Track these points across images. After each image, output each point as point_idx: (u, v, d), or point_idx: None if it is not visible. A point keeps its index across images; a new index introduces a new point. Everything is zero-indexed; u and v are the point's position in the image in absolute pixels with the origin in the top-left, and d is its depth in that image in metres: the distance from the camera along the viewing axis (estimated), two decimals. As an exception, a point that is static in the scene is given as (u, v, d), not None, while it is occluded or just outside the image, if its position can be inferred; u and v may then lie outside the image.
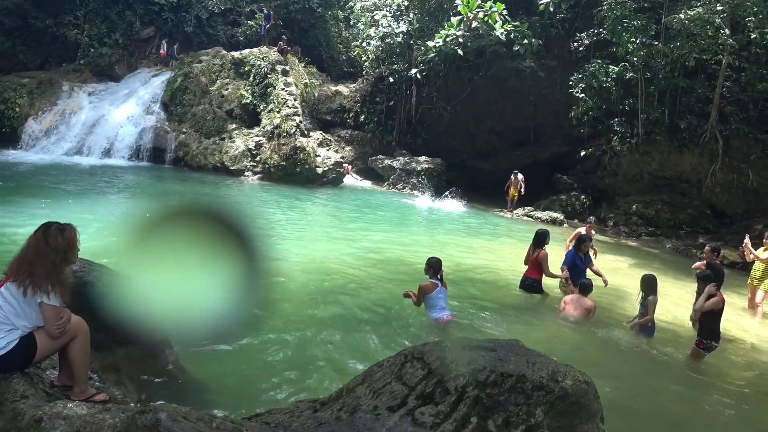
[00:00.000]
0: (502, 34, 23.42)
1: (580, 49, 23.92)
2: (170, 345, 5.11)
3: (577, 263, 9.68)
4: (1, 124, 23.51)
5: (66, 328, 3.73)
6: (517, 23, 23.75)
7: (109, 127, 24.42)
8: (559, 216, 22.35)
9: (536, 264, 9.54)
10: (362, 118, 30.97)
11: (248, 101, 25.22)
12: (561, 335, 7.88)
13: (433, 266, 7.40)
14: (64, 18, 28.69)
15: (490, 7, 23.53)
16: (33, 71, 27.18)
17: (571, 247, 10.29)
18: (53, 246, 3.69)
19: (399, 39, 28.41)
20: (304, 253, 10.83)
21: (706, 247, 10.23)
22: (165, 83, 27.21)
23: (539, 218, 22.18)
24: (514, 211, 23.09)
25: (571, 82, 23.50)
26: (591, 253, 10.25)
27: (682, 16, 19.81)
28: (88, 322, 3.88)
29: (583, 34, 23.74)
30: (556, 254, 10.49)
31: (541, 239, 9.58)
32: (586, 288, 8.58)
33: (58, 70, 28.07)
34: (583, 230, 11.61)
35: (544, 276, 9.59)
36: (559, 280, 9.72)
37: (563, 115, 24.55)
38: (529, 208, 23.27)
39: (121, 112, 25.22)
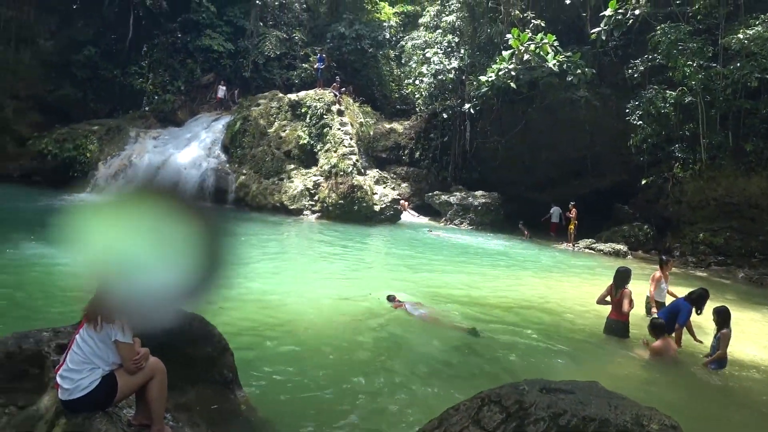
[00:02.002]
0: (554, 65, 23.30)
1: (635, 75, 23.49)
2: (239, 385, 5.15)
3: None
4: (72, 169, 24.63)
5: (142, 365, 3.81)
6: (569, 53, 23.61)
7: (173, 169, 25.23)
8: (623, 248, 21.76)
9: (620, 305, 9.02)
10: (417, 154, 31.18)
11: (305, 142, 25.72)
12: (636, 375, 7.56)
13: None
14: (131, 68, 30.25)
15: (541, 39, 23.49)
16: (102, 119, 28.52)
17: (681, 298, 9.16)
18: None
19: (451, 75, 28.62)
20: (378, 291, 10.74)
21: None
22: (225, 127, 28.07)
23: (602, 251, 21.67)
24: (576, 244, 22.61)
25: (627, 110, 23.08)
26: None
27: (740, 36, 19.30)
28: (163, 360, 3.97)
29: (638, 61, 23.34)
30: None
31: (623, 278, 9.08)
32: (659, 328, 8.10)
33: (125, 117, 29.39)
34: (658, 273, 10.45)
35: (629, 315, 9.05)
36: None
37: (621, 144, 24.07)
38: (590, 240, 22.78)
39: (184, 156, 26.08)
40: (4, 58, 26.93)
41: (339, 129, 25.41)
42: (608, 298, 9.28)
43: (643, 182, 23.53)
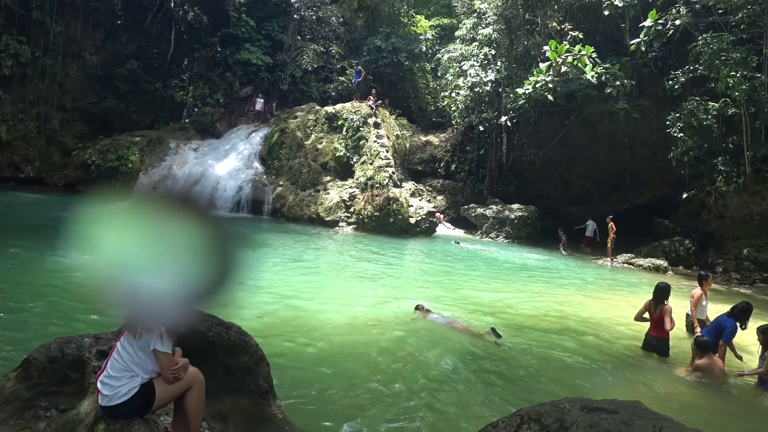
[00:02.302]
0: (592, 77, 22.97)
1: (676, 87, 22.97)
2: (275, 395, 5.15)
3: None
4: (115, 179, 25.22)
5: (181, 375, 3.84)
6: (607, 65, 23.27)
7: (211, 180, 25.65)
8: (663, 263, 21.25)
9: (660, 321, 8.82)
10: (453, 167, 31.11)
11: (342, 154, 25.88)
12: (680, 395, 7.33)
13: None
14: (172, 81, 31.00)
15: (579, 51, 23.19)
16: (144, 130, 29.26)
17: (723, 314, 8.73)
18: None
19: (487, 87, 28.51)
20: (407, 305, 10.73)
21: None
22: (263, 138, 28.46)
23: (641, 266, 21.22)
24: (614, 259, 22.21)
25: (668, 122, 22.58)
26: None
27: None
28: (199, 369, 4.00)
29: (678, 72, 22.84)
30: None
31: (662, 294, 8.87)
32: (704, 346, 7.84)
33: (166, 128, 30.06)
34: (698, 290, 10.02)
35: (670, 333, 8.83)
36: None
37: (661, 157, 23.58)
38: (629, 255, 22.32)
39: (222, 167, 26.51)
40: (52, 72, 27.86)
41: (375, 141, 25.51)
42: (646, 315, 9.07)
43: (684, 196, 22.96)
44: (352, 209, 23.91)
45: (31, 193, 23.88)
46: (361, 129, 25.98)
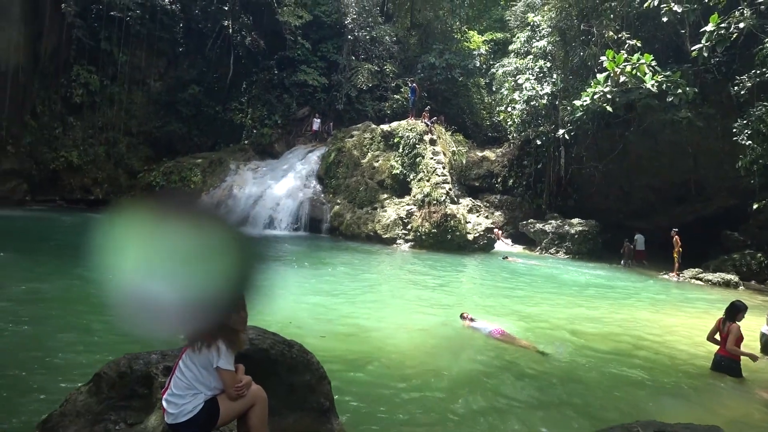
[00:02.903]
0: (652, 85, 22.29)
1: (742, 92, 22.00)
2: (336, 413, 5.14)
3: None
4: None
5: (244, 392, 3.87)
6: (668, 73, 22.56)
7: (270, 200, 26.12)
8: (733, 278, 20.36)
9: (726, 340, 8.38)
10: (510, 182, 30.77)
11: (398, 171, 25.95)
12: (759, 419, 6.92)
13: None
14: (231, 104, 31.93)
15: (638, 60, 22.58)
16: (205, 152, 30.20)
17: None
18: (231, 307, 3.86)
19: (544, 101, 28.12)
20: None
21: None
22: (320, 158, 28.85)
23: (710, 281, 20.38)
24: (681, 274, 21.42)
25: (734, 129, 21.61)
26: None
27: None
28: (262, 387, 4.03)
29: (744, 77, 21.91)
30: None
31: (733, 312, 8.44)
32: None
33: (226, 150, 30.93)
34: None
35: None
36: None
37: (728, 166, 22.61)
38: (697, 270, 21.46)
39: (281, 186, 26.97)
40: (119, 99, 29.16)
41: (431, 158, 25.47)
42: (717, 336, 8.65)
43: (755, 207, 21.90)
44: (409, 226, 23.87)
45: (99, 214, 24.84)
46: (417, 146, 26.01)
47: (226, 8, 31.18)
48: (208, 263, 3.20)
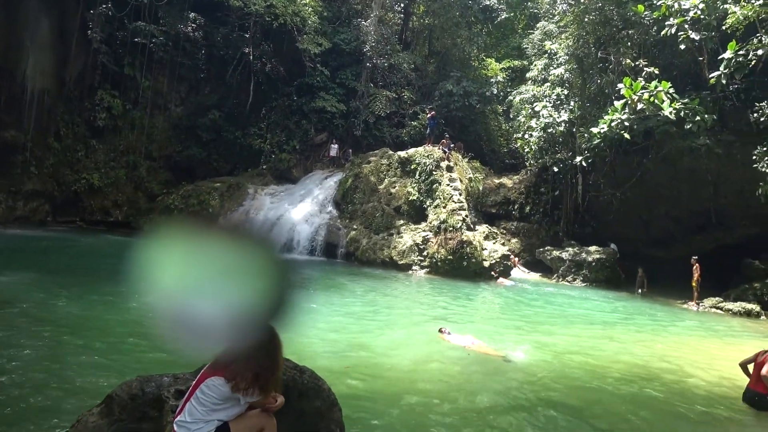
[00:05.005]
0: (671, 113, 22.17)
1: (762, 119, 21.82)
2: (347, 437, 5.11)
3: None
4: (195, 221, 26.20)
5: (274, 408, 4.02)
6: (686, 100, 22.46)
7: (287, 224, 26.24)
8: (755, 307, 20.02)
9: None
10: (527, 209, 30.65)
11: (415, 198, 25.98)
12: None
13: None
14: (250, 129, 32.32)
15: (656, 87, 22.53)
16: (224, 176, 30.53)
17: None
18: (277, 349, 3.92)
19: (561, 128, 28.07)
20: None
21: None
22: (337, 183, 28.99)
23: (730, 310, 20.08)
24: (700, 303, 21.10)
25: (754, 157, 21.38)
26: None
27: None
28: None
29: (763, 104, 21.76)
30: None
31: None
32: None
33: (244, 174, 31.23)
34: None
35: None
36: None
37: (748, 194, 22.29)
38: (717, 299, 21.13)
39: (298, 211, 27.10)
40: (141, 123, 29.68)
41: (448, 185, 25.49)
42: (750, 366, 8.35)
43: (777, 235, 21.65)
44: (425, 253, 23.81)
45: (118, 236, 25.15)
46: (434, 173, 26.06)
47: (248, 36, 31.70)
48: (248, 284, 3.24)
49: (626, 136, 23.22)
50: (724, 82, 21.78)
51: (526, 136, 30.13)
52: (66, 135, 27.49)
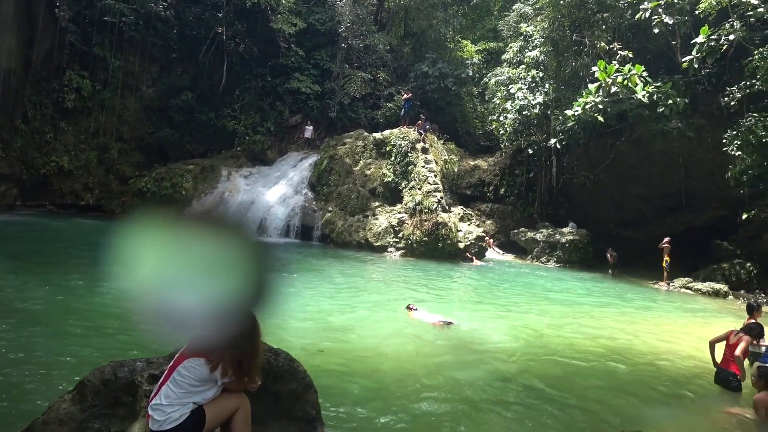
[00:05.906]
0: (644, 96, 22.41)
1: (732, 103, 22.14)
2: (322, 422, 5.12)
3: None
4: (169, 206, 25.93)
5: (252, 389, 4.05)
6: (659, 84, 22.71)
7: (262, 207, 26.08)
8: (722, 287, 20.47)
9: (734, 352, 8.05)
10: (502, 191, 30.84)
11: (390, 179, 25.97)
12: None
13: None
14: (224, 111, 31.91)
15: (629, 70, 22.74)
16: (197, 158, 30.18)
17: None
18: (258, 335, 3.94)
19: (536, 110, 28.20)
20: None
21: None
22: (312, 165, 28.86)
23: (699, 290, 20.48)
24: (671, 283, 21.50)
25: (724, 140, 21.71)
26: None
27: None
28: (248, 394, 4.05)
29: (734, 88, 22.08)
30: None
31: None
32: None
33: (218, 156, 30.90)
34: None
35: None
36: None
37: (718, 176, 22.72)
38: (687, 279, 21.56)
39: (272, 193, 26.95)
40: (111, 105, 29.10)
41: (423, 166, 25.53)
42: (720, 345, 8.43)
43: (744, 217, 22.04)
44: (400, 234, 23.87)
45: (90, 219, 24.78)
46: (410, 154, 26.06)
47: (220, 15, 31.22)
48: (227, 270, 3.22)
49: (600, 118, 23.41)
50: (696, 66, 22.07)
51: (501, 118, 30.19)
52: (34, 117, 26.87)
